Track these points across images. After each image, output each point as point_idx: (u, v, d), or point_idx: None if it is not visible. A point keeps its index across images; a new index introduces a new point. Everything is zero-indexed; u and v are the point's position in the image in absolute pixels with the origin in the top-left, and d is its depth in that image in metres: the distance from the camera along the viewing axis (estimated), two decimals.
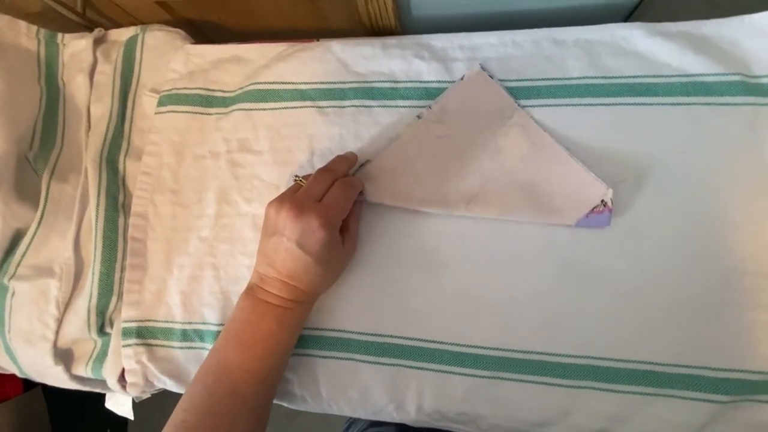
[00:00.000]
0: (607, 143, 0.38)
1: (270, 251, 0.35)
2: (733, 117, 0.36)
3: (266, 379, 0.35)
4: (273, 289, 0.35)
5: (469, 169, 0.39)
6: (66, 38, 0.52)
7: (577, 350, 0.35)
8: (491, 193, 0.38)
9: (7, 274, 0.45)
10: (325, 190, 0.37)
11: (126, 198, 0.46)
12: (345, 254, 0.38)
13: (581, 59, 0.40)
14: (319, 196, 0.36)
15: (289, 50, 0.46)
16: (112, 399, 0.49)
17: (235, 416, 0.33)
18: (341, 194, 0.36)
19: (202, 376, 0.35)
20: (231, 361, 0.34)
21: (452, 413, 0.37)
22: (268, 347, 0.35)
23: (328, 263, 0.35)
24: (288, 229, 0.34)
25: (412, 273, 0.39)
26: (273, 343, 0.35)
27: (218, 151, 0.45)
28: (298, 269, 0.34)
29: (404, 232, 0.39)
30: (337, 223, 0.36)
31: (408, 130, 0.41)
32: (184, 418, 0.33)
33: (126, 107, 0.49)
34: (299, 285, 0.35)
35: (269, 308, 0.35)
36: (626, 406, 0.34)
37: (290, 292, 0.35)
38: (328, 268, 0.36)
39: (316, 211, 0.34)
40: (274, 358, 0.35)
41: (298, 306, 0.36)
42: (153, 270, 0.43)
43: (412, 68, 0.43)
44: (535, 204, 0.37)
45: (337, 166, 0.39)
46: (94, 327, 0.43)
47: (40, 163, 0.48)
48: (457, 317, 0.37)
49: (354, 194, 0.38)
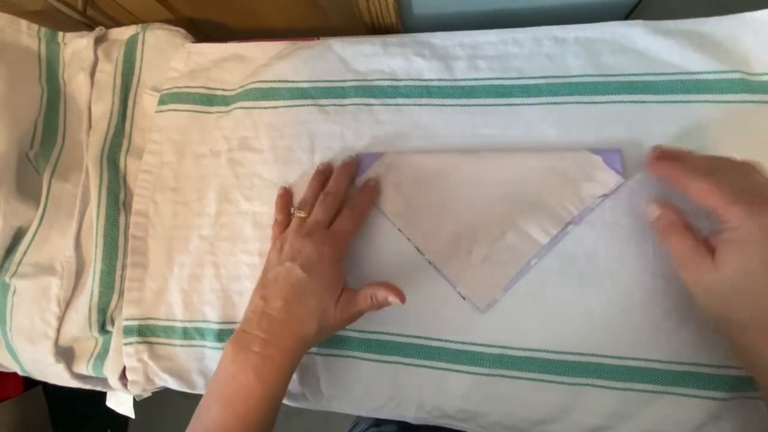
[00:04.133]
0: (607, 141, 0.38)
1: (270, 280, 0.34)
2: (734, 115, 0.36)
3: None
4: (256, 328, 0.33)
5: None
6: (67, 37, 0.52)
7: (578, 348, 0.35)
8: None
9: (8, 272, 0.45)
10: (333, 217, 0.36)
11: (127, 196, 0.46)
12: (344, 307, 0.35)
13: (581, 57, 0.40)
14: (327, 224, 0.36)
15: (290, 49, 0.46)
16: (113, 397, 0.49)
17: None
18: (351, 223, 0.36)
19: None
20: (213, 419, 0.32)
21: (453, 411, 0.37)
22: (249, 405, 0.32)
23: (327, 300, 0.34)
24: (291, 251, 0.33)
25: (412, 271, 0.39)
26: (254, 401, 0.32)
27: (219, 149, 0.45)
28: (294, 296, 0.33)
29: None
30: (346, 250, 0.35)
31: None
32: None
33: (127, 106, 0.49)
34: (288, 320, 0.33)
35: (247, 358, 0.32)
36: (626, 404, 0.34)
37: (276, 332, 0.33)
38: (325, 310, 0.33)
39: (324, 236, 0.34)
40: (256, 416, 0.32)
41: (281, 354, 0.32)
42: (154, 268, 0.43)
43: (412, 66, 0.43)
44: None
45: (339, 185, 0.38)
46: (95, 325, 0.43)
47: (41, 161, 0.48)
48: (457, 315, 0.37)
49: (363, 219, 0.37)
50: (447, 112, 0.41)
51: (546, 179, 0.37)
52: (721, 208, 0.28)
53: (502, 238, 0.37)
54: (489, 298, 0.37)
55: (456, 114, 0.41)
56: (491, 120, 0.40)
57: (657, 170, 0.33)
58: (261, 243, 0.42)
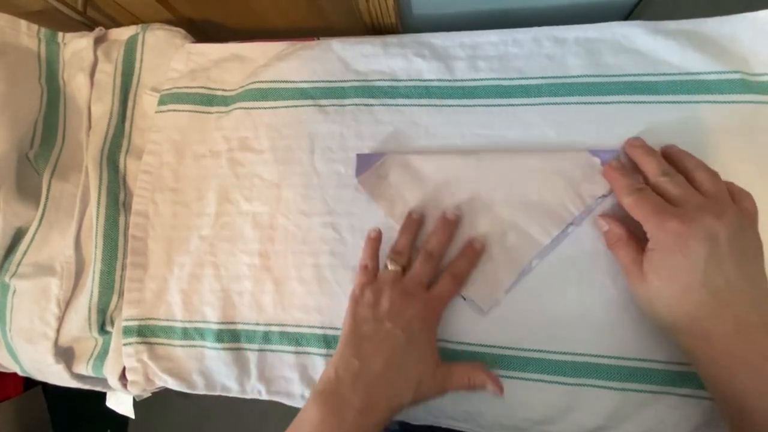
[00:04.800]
0: (607, 141, 0.37)
1: (365, 338, 0.32)
2: (734, 115, 0.36)
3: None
4: (353, 394, 0.30)
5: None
6: (66, 37, 0.52)
7: (578, 348, 0.35)
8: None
9: (8, 273, 0.45)
10: (431, 276, 0.35)
11: (127, 197, 0.46)
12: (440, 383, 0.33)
13: (582, 57, 0.40)
14: (426, 285, 0.34)
15: (290, 49, 0.46)
16: (113, 398, 0.49)
17: None
18: (450, 290, 0.35)
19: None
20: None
21: (452, 410, 0.37)
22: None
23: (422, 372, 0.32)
24: (395, 311, 0.32)
25: None
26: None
27: (219, 149, 0.45)
28: (394, 363, 0.31)
29: None
30: (440, 318, 0.34)
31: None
32: None
33: (126, 106, 0.49)
34: (385, 390, 0.31)
35: (341, 426, 0.30)
36: (626, 404, 0.34)
37: (372, 402, 0.30)
38: (420, 382, 0.31)
39: (427, 300, 0.33)
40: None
41: (374, 427, 0.30)
42: (154, 268, 0.43)
43: (412, 67, 0.43)
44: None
45: (442, 245, 0.36)
46: (95, 325, 0.43)
47: (40, 162, 0.48)
48: (456, 315, 0.37)
49: (463, 285, 0.36)
50: (447, 113, 0.41)
51: (546, 180, 0.37)
52: (643, 221, 0.30)
53: (503, 238, 0.37)
54: (491, 299, 0.37)
55: (456, 114, 0.41)
56: (491, 120, 0.40)
57: (606, 178, 0.35)
58: (261, 243, 0.42)
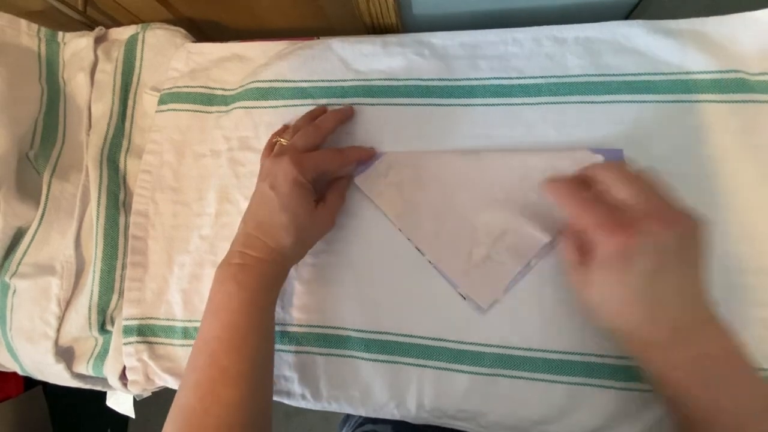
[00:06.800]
0: (607, 141, 0.38)
1: (252, 203, 0.37)
2: (734, 115, 0.36)
3: (239, 348, 0.33)
4: (237, 245, 0.35)
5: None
6: (67, 37, 0.52)
7: (578, 348, 0.35)
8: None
9: (8, 272, 0.45)
10: (311, 146, 0.37)
11: (127, 196, 0.46)
12: (316, 220, 0.37)
13: (582, 57, 0.40)
14: (302, 150, 0.37)
15: (290, 48, 0.46)
16: (113, 397, 0.49)
17: (215, 386, 0.32)
18: (326, 155, 0.37)
19: (190, 354, 0.34)
20: (206, 331, 0.34)
21: (453, 410, 0.37)
22: (232, 311, 0.34)
23: (294, 215, 0.35)
24: (264, 172, 0.36)
25: (412, 270, 0.39)
26: (236, 306, 0.34)
27: (219, 149, 0.45)
28: (264, 214, 0.35)
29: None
30: (312, 173, 0.36)
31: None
32: (177, 395, 0.33)
33: (127, 106, 0.49)
34: (262, 236, 0.35)
35: (228, 269, 0.35)
36: (626, 404, 0.34)
37: (253, 245, 0.35)
38: (294, 223, 0.35)
39: (292, 155, 0.35)
40: (241, 322, 0.33)
41: (259, 263, 0.35)
42: (154, 268, 0.44)
43: (412, 66, 0.43)
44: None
45: (326, 122, 0.39)
46: (95, 325, 0.43)
47: (41, 161, 0.48)
48: (457, 315, 0.37)
49: (340, 162, 0.38)
50: (447, 112, 0.41)
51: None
52: (588, 230, 0.30)
53: (503, 238, 0.37)
54: (491, 298, 0.37)
55: (456, 114, 0.41)
56: (491, 120, 0.40)
57: (549, 191, 0.33)
58: None
